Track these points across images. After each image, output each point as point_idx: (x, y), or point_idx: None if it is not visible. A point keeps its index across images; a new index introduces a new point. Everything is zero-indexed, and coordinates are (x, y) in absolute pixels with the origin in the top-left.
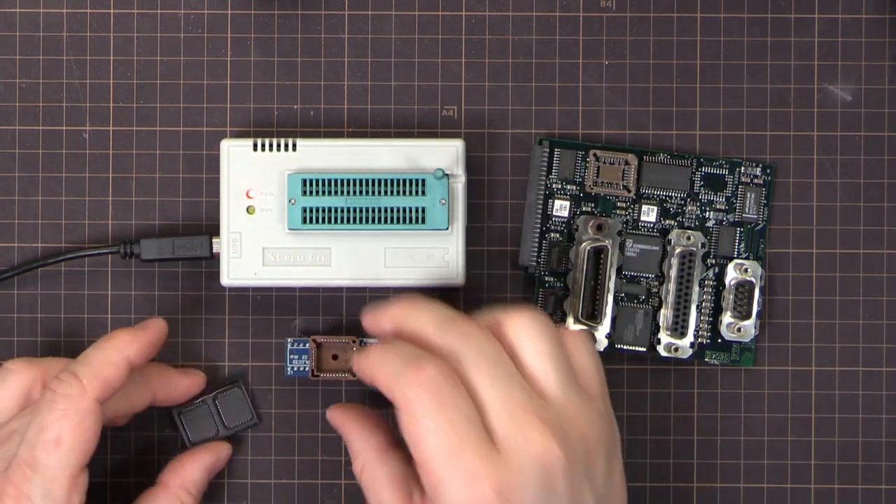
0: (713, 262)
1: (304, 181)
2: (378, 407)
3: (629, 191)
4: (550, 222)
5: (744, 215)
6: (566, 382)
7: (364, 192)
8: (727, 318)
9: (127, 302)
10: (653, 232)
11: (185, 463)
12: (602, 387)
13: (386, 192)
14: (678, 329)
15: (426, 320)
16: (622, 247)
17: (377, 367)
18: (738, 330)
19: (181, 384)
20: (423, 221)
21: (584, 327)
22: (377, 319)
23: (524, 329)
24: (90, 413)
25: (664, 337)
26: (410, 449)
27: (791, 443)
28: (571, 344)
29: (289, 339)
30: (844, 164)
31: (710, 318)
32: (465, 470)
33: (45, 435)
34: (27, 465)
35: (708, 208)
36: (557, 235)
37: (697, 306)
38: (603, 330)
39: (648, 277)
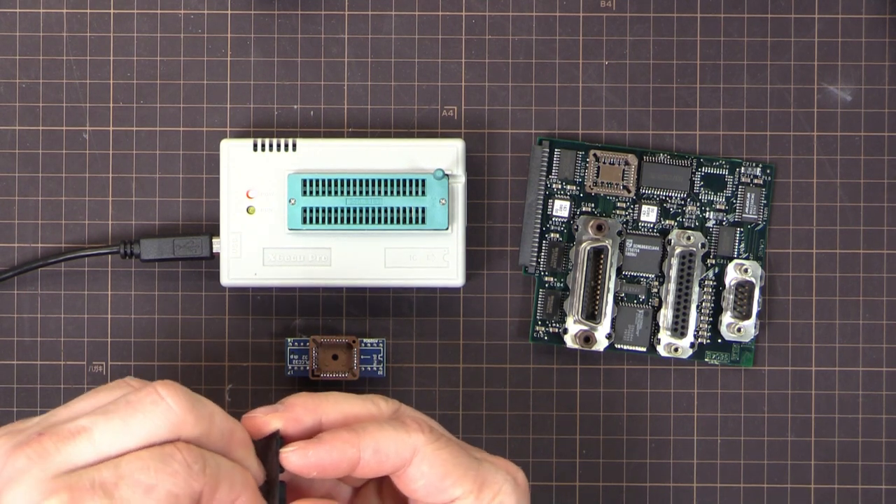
0: (713, 262)
1: (304, 181)
2: None
3: (629, 191)
4: (550, 222)
5: (744, 215)
6: None
7: (364, 192)
8: (727, 318)
9: (127, 302)
10: (653, 232)
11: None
12: None
13: (386, 192)
14: (678, 329)
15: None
16: (622, 247)
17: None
18: (738, 330)
19: None
20: (423, 221)
21: (584, 327)
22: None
23: None
24: (194, 494)
25: (664, 337)
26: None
27: (791, 443)
28: None
29: (289, 339)
30: (844, 164)
31: (710, 318)
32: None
33: (139, 476)
34: (103, 489)
35: (708, 208)
36: (557, 235)
37: (697, 306)
38: (603, 330)
39: (648, 277)
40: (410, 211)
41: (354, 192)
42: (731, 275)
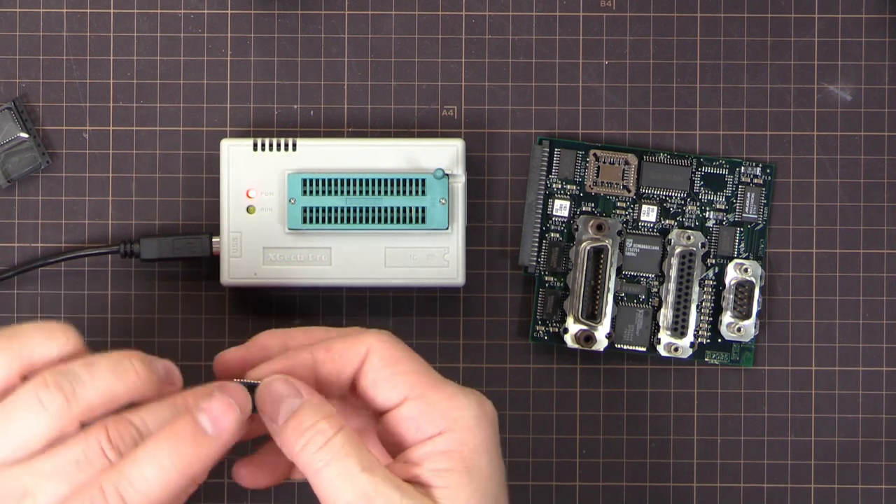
0: (713, 262)
1: (304, 181)
2: None
3: (629, 191)
4: (550, 222)
5: (744, 215)
6: None
7: (364, 192)
8: (727, 317)
9: (127, 302)
10: (653, 232)
11: None
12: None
13: (386, 192)
14: (678, 329)
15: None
16: (622, 247)
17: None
18: (738, 330)
19: None
20: (423, 221)
21: (584, 327)
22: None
23: None
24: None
25: (664, 337)
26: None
27: (791, 443)
28: None
29: None
30: (844, 164)
31: (710, 318)
32: None
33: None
34: None
35: (708, 208)
36: (557, 235)
37: (697, 306)
38: (603, 330)
39: (648, 277)
40: (410, 211)
41: (354, 192)
42: (731, 274)
